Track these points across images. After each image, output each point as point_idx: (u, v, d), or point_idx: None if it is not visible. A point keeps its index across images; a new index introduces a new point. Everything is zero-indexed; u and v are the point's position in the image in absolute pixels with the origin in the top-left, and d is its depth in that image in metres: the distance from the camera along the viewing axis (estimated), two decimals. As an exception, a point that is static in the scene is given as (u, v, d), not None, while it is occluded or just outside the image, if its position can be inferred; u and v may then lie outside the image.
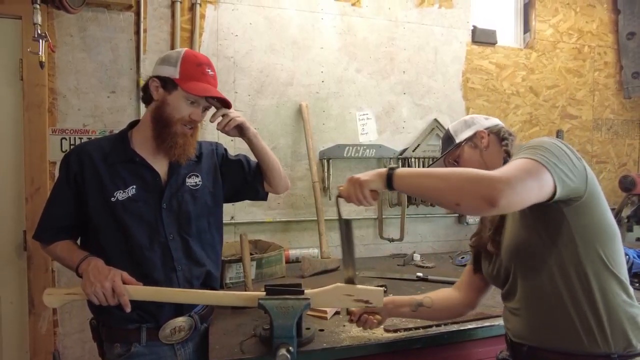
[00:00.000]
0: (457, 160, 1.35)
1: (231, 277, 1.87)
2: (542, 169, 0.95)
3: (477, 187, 0.92)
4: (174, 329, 1.30)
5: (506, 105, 2.84)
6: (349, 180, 1.12)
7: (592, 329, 1.01)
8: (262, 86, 2.36)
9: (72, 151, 1.33)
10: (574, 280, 1.03)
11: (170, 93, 1.30)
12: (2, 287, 2.01)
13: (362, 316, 1.33)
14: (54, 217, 1.32)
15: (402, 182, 1.04)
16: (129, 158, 1.32)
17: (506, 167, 0.98)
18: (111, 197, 1.27)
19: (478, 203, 0.92)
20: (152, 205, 1.31)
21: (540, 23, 2.91)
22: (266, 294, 1.21)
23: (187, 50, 1.35)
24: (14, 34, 1.98)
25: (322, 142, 2.47)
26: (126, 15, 2.14)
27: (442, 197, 0.99)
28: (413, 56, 2.63)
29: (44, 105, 2.02)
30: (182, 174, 1.38)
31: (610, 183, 3.06)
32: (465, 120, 1.38)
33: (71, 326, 2.09)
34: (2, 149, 2.00)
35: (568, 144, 1.07)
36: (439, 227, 2.73)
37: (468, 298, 1.35)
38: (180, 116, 1.30)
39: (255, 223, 2.35)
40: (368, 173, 1.10)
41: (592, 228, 1.04)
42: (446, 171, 1.00)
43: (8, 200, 2.01)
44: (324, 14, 2.45)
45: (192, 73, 1.29)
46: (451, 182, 0.96)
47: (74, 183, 1.29)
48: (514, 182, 0.91)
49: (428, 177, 1.01)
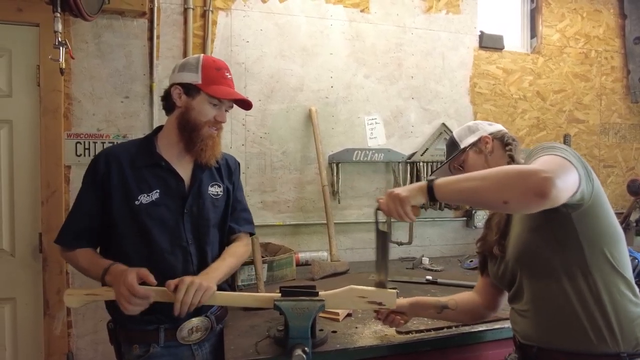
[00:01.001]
0: (462, 165, 1.37)
1: (243, 280, 1.90)
2: (570, 165, 0.96)
3: (524, 181, 0.90)
4: (191, 329, 1.33)
5: (513, 110, 2.86)
6: (389, 195, 1.11)
7: (600, 329, 1.02)
8: (272, 91, 2.40)
9: (100, 154, 1.35)
10: (581, 282, 1.04)
11: (194, 98, 1.33)
12: (18, 289, 2.05)
13: (390, 316, 1.35)
14: (77, 219, 1.33)
15: (444, 190, 1.03)
16: (155, 162, 1.34)
17: (537, 162, 0.98)
18: (135, 200, 1.29)
19: (528, 198, 0.90)
20: (174, 210, 1.33)
21: (546, 28, 2.93)
22: (281, 296, 1.24)
23: (204, 56, 1.38)
24: (31, 41, 2.03)
25: (331, 147, 2.50)
26: (140, 22, 2.19)
27: (487, 197, 0.97)
28: (421, 61, 2.65)
29: (59, 110, 2.06)
30: (205, 182, 1.41)
31: (618, 187, 3.07)
32: (469, 126, 1.41)
33: (85, 328, 2.12)
34: (19, 153, 2.04)
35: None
36: (447, 231, 2.74)
37: (487, 301, 1.37)
38: (206, 119, 1.34)
39: (265, 226, 2.37)
40: (407, 188, 1.10)
41: (598, 230, 1.05)
42: (486, 171, 0.99)
43: (24, 203, 2.05)
44: (333, 21, 2.49)
45: (213, 77, 1.33)
46: (495, 181, 0.95)
47: (100, 185, 1.30)
48: (558, 173, 0.90)
49: (470, 180, 1.00)
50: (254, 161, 2.38)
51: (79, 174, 2.10)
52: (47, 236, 2.03)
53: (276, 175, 2.42)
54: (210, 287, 1.19)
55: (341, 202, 2.50)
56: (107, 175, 1.30)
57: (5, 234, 2.04)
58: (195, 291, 1.16)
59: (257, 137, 2.38)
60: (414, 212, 1.09)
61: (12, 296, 2.05)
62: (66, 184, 2.09)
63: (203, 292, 1.17)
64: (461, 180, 1.02)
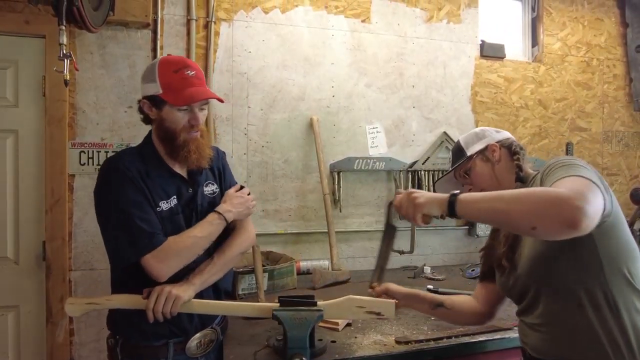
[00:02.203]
0: (467, 172, 1.34)
1: (244, 288, 1.91)
2: (596, 188, 0.92)
3: (557, 209, 0.87)
4: (200, 342, 1.33)
5: (515, 118, 2.86)
6: (408, 195, 1.10)
7: (619, 346, 1.01)
8: (274, 101, 2.42)
9: (114, 160, 1.30)
10: (600, 299, 1.03)
11: (161, 109, 1.28)
12: (21, 296, 2.07)
13: (382, 297, 1.31)
14: (149, 221, 1.23)
15: (467, 207, 1.00)
16: (166, 170, 1.33)
17: (564, 184, 0.94)
18: (157, 206, 1.27)
19: (558, 227, 0.88)
20: (187, 216, 1.33)
21: (548, 37, 2.94)
22: (280, 305, 1.24)
23: (160, 59, 1.31)
24: (37, 52, 2.07)
25: (332, 155, 2.51)
26: (144, 32, 2.22)
27: (514, 221, 0.94)
28: (422, 71, 2.67)
29: (64, 120, 2.09)
30: (202, 183, 1.40)
31: (622, 196, 3.04)
32: (476, 132, 1.37)
33: (87, 335, 2.13)
34: (24, 162, 2.07)
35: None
36: (449, 240, 2.73)
37: (484, 308, 1.34)
38: (180, 126, 1.29)
39: (266, 235, 2.38)
40: (427, 196, 1.07)
41: (617, 247, 1.04)
42: (515, 193, 0.96)
43: (29, 212, 2.08)
44: (334, 31, 2.52)
45: (173, 82, 1.25)
46: (526, 205, 0.91)
47: (139, 184, 1.25)
48: (590, 200, 0.87)
49: (497, 200, 0.96)
50: (256, 170, 2.40)
51: (82, 183, 2.12)
52: (50, 244, 2.05)
53: (278, 184, 2.43)
54: (179, 296, 1.20)
55: (342, 210, 2.50)
56: (133, 176, 1.25)
57: (9, 241, 2.06)
58: (165, 299, 1.18)
59: (259, 146, 2.40)
60: (424, 220, 1.08)
61: (15, 304, 2.06)
62: (70, 192, 2.11)
63: (173, 301, 1.19)
64: (488, 200, 0.98)
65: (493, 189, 1.24)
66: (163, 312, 1.19)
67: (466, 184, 1.36)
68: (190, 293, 1.23)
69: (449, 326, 1.55)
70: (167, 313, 1.19)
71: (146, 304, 1.19)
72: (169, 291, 1.19)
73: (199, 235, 1.27)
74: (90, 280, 2.12)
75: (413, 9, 2.65)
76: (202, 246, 1.29)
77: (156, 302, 1.18)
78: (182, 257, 1.24)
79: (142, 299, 1.21)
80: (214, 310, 1.33)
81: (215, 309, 1.33)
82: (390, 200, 1.19)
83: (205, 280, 1.29)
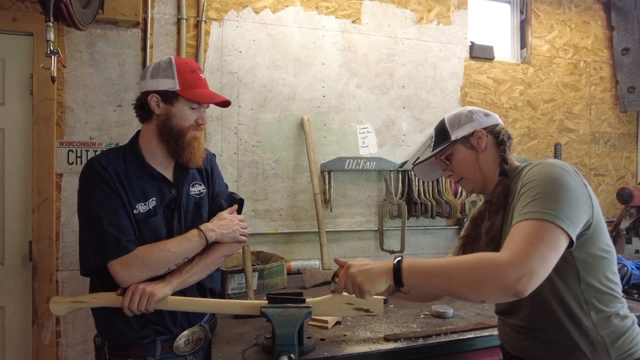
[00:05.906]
0: (449, 158, 1.26)
1: (233, 288, 1.90)
2: (555, 230, 0.90)
3: (497, 281, 0.87)
4: (187, 339, 1.33)
5: (504, 119, 2.88)
6: (346, 274, 1.05)
7: (594, 345, 1.04)
8: (265, 101, 2.42)
9: (93, 162, 1.28)
10: (575, 305, 1.05)
11: (173, 105, 1.30)
12: (7, 297, 2.04)
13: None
14: (119, 226, 1.22)
15: (414, 282, 0.99)
16: (148, 172, 1.33)
17: (516, 240, 0.91)
18: (133, 209, 1.27)
19: (503, 296, 0.88)
20: (168, 216, 1.33)
21: (536, 39, 2.98)
22: (268, 303, 1.24)
23: (175, 58, 1.33)
24: (25, 50, 2.05)
25: (323, 155, 2.51)
26: (133, 31, 2.21)
27: (463, 296, 0.96)
28: (412, 71, 2.69)
29: (52, 118, 2.07)
30: (188, 183, 1.40)
31: (609, 196, 3.09)
32: (464, 114, 1.26)
33: (74, 337, 2.10)
34: (11, 161, 2.05)
35: (572, 167, 1.05)
36: (439, 239, 2.75)
37: None
38: (189, 124, 1.32)
39: (257, 234, 2.37)
40: (365, 274, 1.03)
41: (594, 254, 1.05)
42: (454, 265, 0.94)
43: (15, 211, 2.05)
44: (325, 31, 2.52)
45: (190, 80, 1.31)
46: (467, 280, 0.90)
47: (115, 187, 1.25)
48: (533, 265, 0.86)
49: (440, 275, 0.95)
50: (246, 169, 2.39)
51: (70, 182, 2.10)
52: (37, 244, 2.02)
53: (268, 184, 2.43)
54: (153, 293, 1.20)
55: (333, 210, 2.51)
56: (109, 178, 1.26)
57: (-5, 242, 2.03)
58: (139, 297, 1.20)
59: (250, 146, 2.40)
60: (382, 294, 1.06)
61: (0, 305, 2.03)
62: (58, 192, 2.09)
63: (147, 298, 1.20)
64: (432, 275, 0.96)
65: (474, 179, 1.24)
66: (138, 308, 1.20)
67: (446, 169, 1.30)
68: (165, 291, 1.24)
69: (438, 324, 1.57)
70: (142, 309, 1.20)
71: (122, 302, 1.21)
72: (143, 288, 1.21)
73: (172, 250, 1.25)
74: (77, 280, 2.09)
75: (403, 10, 2.67)
76: (172, 261, 1.26)
77: (131, 300, 1.20)
78: (149, 267, 1.23)
79: (117, 295, 1.23)
80: (197, 307, 1.32)
81: (198, 307, 1.32)
82: (334, 274, 1.18)
83: (184, 279, 1.29)
